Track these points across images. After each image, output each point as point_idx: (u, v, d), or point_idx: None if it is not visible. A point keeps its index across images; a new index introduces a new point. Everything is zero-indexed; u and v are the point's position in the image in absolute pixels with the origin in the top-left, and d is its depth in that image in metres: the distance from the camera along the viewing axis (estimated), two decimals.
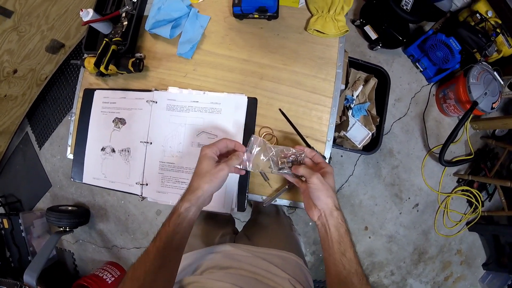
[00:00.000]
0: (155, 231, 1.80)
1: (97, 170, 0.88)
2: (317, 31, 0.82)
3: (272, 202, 0.78)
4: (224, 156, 0.65)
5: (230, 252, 0.69)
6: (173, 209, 0.57)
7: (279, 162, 0.67)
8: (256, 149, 0.66)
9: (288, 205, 0.80)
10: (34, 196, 2.05)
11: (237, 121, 0.78)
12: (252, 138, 0.67)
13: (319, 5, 0.82)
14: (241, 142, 0.77)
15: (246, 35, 0.84)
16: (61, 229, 1.73)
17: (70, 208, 1.88)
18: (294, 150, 0.66)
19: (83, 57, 0.87)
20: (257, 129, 0.79)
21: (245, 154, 0.65)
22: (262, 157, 0.67)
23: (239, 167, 0.66)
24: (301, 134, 0.79)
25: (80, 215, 1.84)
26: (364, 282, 0.50)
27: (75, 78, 2.00)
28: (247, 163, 0.66)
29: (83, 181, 0.90)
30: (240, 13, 0.81)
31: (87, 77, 0.94)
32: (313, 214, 0.59)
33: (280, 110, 0.80)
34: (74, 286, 1.68)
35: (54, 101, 2.02)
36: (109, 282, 1.68)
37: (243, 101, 0.78)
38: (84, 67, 0.87)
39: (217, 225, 0.90)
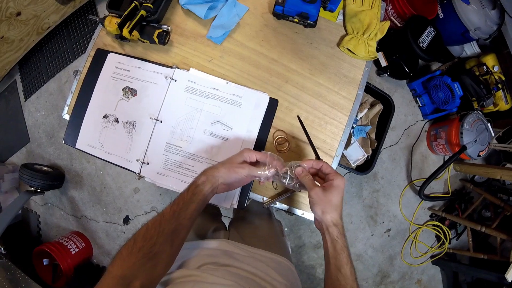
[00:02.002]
0: (129, 208, 1.75)
1: (94, 138, 0.83)
2: (349, 50, 0.83)
3: (272, 205, 0.78)
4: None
5: (227, 250, 0.68)
6: (192, 181, 0.59)
7: (289, 176, 0.63)
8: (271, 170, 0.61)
9: (286, 210, 0.81)
10: (8, 148, 1.91)
11: (255, 119, 0.77)
12: (268, 157, 0.62)
13: (356, 26, 0.83)
14: (254, 140, 0.76)
15: (280, 36, 0.83)
16: (33, 189, 1.63)
17: (45, 168, 1.78)
18: (304, 165, 0.61)
19: (104, 15, 0.83)
20: (272, 130, 0.79)
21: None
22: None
23: (260, 179, 0.62)
24: (314, 144, 0.79)
25: (54, 177, 1.74)
26: None
27: (78, 35, 1.88)
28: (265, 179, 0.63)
29: (76, 146, 0.84)
30: (280, 13, 0.80)
31: (102, 36, 0.88)
32: (316, 224, 0.60)
33: (298, 117, 0.80)
34: (36, 251, 1.60)
35: (51, 54, 1.90)
36: (73, 252, 1.60)
37: (264, 100, 0.78)
38: (103, 25, 0.82)
39: (208, 218, 0.89)
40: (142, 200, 1.83)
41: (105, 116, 0.83)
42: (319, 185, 0.58)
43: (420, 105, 1.99)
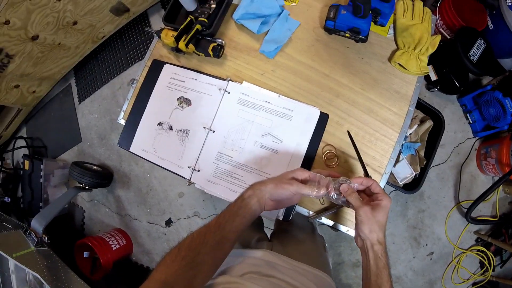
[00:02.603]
0: (172, 211, 1.81)
1: (148, 143, 0.88)
2: (400, 65, 0.82)
3: (318, 220, 0.78)
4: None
5: (270, 261, 0.69)
6: (239, 195, 0.59)
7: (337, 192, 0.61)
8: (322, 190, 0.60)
9: (331, 226, 0.80)
10: (61, 146, 2.08)
11: (305, 132, 0.77)
12: (319, 177, 0.61)
13: (407, 41, 0.82)
14: (304, 154, 0.77)
15: (332, 51, 0.83)
16: (81, 185, 1.76)
17: (95, 167, 1.91)
18: (354, 184, 0.60)
19: (161, 28, 0.88)
20: (321, 145, 0.79)
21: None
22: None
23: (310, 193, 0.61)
24: (363, 161, 0.78)
25: (103, 176, 1.86)
26: None
27: (131, 45, 2.02)
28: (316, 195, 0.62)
29: (130, 150, 0.90)
30: (331, 28, 0.81)
31: (158, 48, 0.94)
32: (357, 241, 0.59)
33: (348, 132, 0.79)
34: (78, 243, 1.70)
35: (105, 61, 2.06)
36: (114, 248, 1.69)
37: (315, 114, 0.78)
38: (159, 38, 0.87)
39: (251, 227, 0.90)
40: (186, 205, 1.88)
41: (159, 123, 0.88)
42: (366, 203, 0.58)
43: (471, 122, 1.87)
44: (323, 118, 0.78)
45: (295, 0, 0.88)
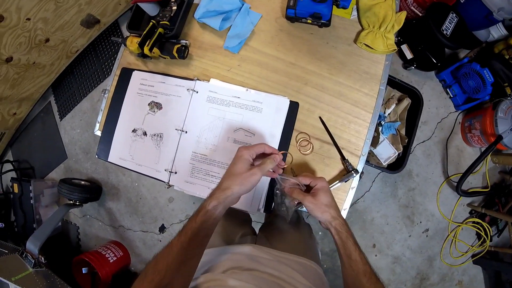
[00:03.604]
0: (164, 217, 1.81)
1: (125, 151, 0.88)
2: (366, 45, 0.82)
3: (300, 208, 0.78)
4: (260, 157, 0.64)
5: (253, 254, 0.69)
6: (200, 206, 0.56)
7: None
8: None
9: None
10: (47, 165, 2.06)
11: (276, 123, 0.77)
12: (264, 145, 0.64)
13: (371, 20, 0.82)
14: (278, 145, 0.77)
15: (296, 39, 0.83)
16: (71, 202, 1.75)
17: (83, 182, 1.90)
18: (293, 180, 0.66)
19: (126, 36, 0.87)
20: (294, 133, 0.79)
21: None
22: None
23: (270, 170, 0.64)
24: (338, 145, 0.78)
25: (92, 190, 1.85)
26: (374, 281, 0.53)
27: (106, 56, 2.00)
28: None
29: (109, 160, 0.90)
30: (293, 16, 0.81)
31: (126, 56, 0.94)
32: (322, 226, 0.64)
33: (320, 118, 0.79)
34: (75, 260, 1.69)
35: (81, 75, 2.04)
36: (111, 261, 1.68)
37: (285, 104, 0.78)
38: (125, 45, 0.87)
39: (237, 224, 0.90)
40: (177, 209, 1.89)
41: (134, 130, 0.87)
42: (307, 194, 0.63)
43: (452, 96, 1.88)
44: (293, 107, 0.78)
45: None
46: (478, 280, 1.93)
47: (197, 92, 0.81)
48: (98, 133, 0.94)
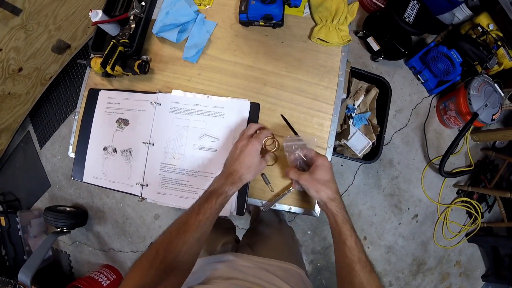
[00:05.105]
0: (152, 235, 1.79)
1: (98, 170, 0.88)
2: (321, 39, 0.84)
3: (272, 207, 0.79)
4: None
5: (233, 262, 0.69)
6: (218, 191, 0.59)
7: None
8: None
9: (287, 210, 0.81)
10: (32, 195, 2.04)
11: (240, 125, 0.78)
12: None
13: (323, 15, 0.84)
14: None
15: (252, 42, 0.85)
16: (58, 229, 1.72)
17: (68, 209, 1.88)
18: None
19: (90, 57, 0.89)
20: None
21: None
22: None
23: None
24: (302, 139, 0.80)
25: (78, 216, 1.83)
26: (368, 270, 0.51)
27: (80, 79, 2.01)
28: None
29: (83, 180, 0.90)
30: (246, 20, 0.83)
31: (92, 77, 0.95)
32: (320, 207, 0.64)
33: (282, 115, 0.81)
34: (68, 287, 1.66)
35: (57, 101, 2.03)
36: (105, 285, 1.66)
37: (246, 106, 0.79)
38: (90, 67, 0.88)
39: (219, 233, 0.90)
40: (164, 226, 1.88)
41: (104, 148, 0.88)
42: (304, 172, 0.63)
43: (423, 81, 1.93)
44: (255, 108, 0.80)
45: (209, 2, 0.90)
46: (476, 258, 1.95)
47: (160, 104, 0.82)
48: (72, 155, 0.94)
